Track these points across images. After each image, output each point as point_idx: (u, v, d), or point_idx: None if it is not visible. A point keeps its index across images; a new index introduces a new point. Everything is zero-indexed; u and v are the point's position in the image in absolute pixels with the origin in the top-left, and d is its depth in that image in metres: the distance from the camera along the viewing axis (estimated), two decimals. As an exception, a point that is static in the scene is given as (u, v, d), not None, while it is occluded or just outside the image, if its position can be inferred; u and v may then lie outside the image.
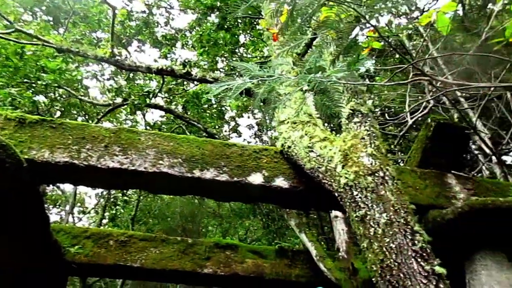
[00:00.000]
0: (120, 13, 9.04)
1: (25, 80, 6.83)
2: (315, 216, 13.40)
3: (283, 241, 12.70)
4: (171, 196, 14.49)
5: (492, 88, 3.97)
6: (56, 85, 7.50)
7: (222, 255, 5.32)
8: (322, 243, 11.61)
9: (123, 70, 9.15)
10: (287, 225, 13.59)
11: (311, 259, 5.56)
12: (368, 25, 2.85)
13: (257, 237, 15.49)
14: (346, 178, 3.14)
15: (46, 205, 10.46)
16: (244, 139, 15.12)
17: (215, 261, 5.23)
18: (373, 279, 2.72)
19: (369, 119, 3.56)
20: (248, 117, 15.16)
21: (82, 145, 3.65)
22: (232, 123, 14.38)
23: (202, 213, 16.69)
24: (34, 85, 6.79)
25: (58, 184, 14.18)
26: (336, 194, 3.29)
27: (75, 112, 10.92)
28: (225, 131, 14.06)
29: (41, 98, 8.22)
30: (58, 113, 10.26)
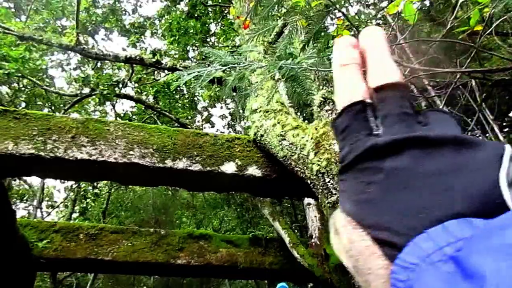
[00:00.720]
0: (85, -1, 8.76)
1: (-15, 70, 6.54)
2: (288, 205, 13.56)
3: (257, 230, 12.80)
4: (143, 188, 14.31)
5: (458, 76, 4.08)
6: (19, 74, 7.21)
7: (195, 245, 5.29)
8: (296, 231, 11.76)
9: (90, 59, 8.89)
10: (261, 214, 13.69)
11: (285, 246, 5.61)
12: (338, 14, 2.86)
13: (231, 227, 15.53)
14: (318, 165, 3.17)
15: (12, 200, 10.12)
16: (217, 130, 15.04)
17: (189, 252, 5.21)
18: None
19: (339, 106, 3.60)
20: (221, 107, 15.09)
21: (48, 136, 3.53)
22: (205, 114, 14.28)
23: (176, 205, 16.58)
24: (-5, 74, 6.51)
25: (24, 178, 13.76)
26: (309, 182, 3.32)
27: (40, 103, 10.56)
28: (198, 121, 13.96)
29: (3, 88, 7.91)
30: (23, 104, 9.89)
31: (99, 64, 9.98)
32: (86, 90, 8.40)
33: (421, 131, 0.38)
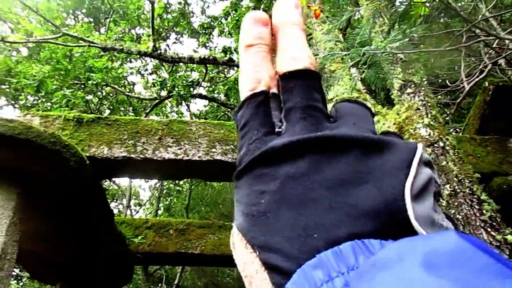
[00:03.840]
0: (158, 6, 9.18)
1: (76, 82, 7.14)
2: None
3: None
4: (221, 184, 14.74)
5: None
6: (104, 83, 7.78)
7: (278, 237, 5.35)
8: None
9: (165, 63, 9.32)
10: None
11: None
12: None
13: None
14: (403, 151, 3.06)
15: (105, 200, 10.95)
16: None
17: (273, 244, 5.28)
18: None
19: (422, 88, 3.43)
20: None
21: (137, 139, 3.77)
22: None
23: (253, 198, 16.85)
24: (84, 85, 7.09)
25: (113, 179, 14.76)
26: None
27: (122, 108, 11.29)
28: (269, 114, 14.01)
29: (91, 97, 8.56)
30: (107, 111, 10.64)
31: (172, 67, 10.44)
32: (164, 93, 8.84)
33: (329, 129, 0.32)
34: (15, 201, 3.15)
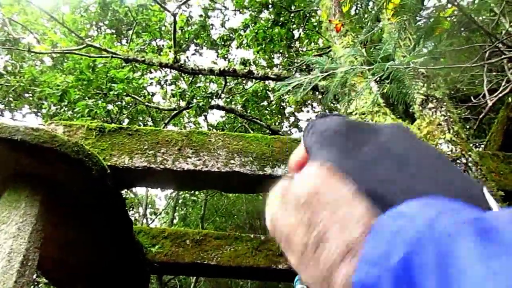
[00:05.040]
0: (180, 19, 9.34)
1: (98, 91, 7.29)
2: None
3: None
4: (236, 195, 14.75)
5: None
6: (124, 93, 7.91)
7: (295, 250, 5.31)
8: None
9: (185, 74, 9.44)
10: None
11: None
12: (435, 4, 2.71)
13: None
14: (425, 167, 3.02)
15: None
16: (305, 134, 14.93)
17: (289, 257, 5.23)
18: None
19: (444, 103, 3.39)
20: (308, 111, 15.03)
21: (157, 150, 3.81)
22: (292, 119, 14.34)
23: (267, 209, 16.79)
24: (106, 95, 7.23)
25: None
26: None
27: (141, 118, 11.44)
28: (286, 127, 14.05)
29: (111, 106, 8.71)
30: (126, 120, 10.81)
31: (191, 78, 10.57)
32: (182, 104, 8.94)
33: None
34: (38, 208, 3.20)
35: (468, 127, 7.62)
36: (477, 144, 7.81)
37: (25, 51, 8.30)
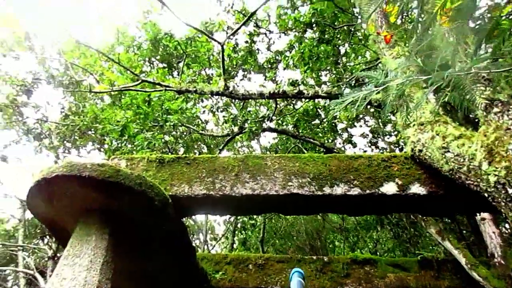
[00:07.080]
0: (227, 47, 9.60)
1: (154, 124, 7.61)
2: (448, 220, 12.33)
3: (416, 250, 11.90)
4: (294, 216, 14.60)
5: None
6: (179, 124, 8.19)
7: (361, 271, 5.14)
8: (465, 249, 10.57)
9: (235, 100, 9.64)
10: (420, 233, 12.70)
11: (460, 268, 5.07)
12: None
13: (387, 248, 14.75)
14: (496, 175, 2.82)
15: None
16: (360, 149, 14.66)
17: (355, 278, 5.07)
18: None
19: (511, 106, 3.18)
20: (360, 126, 14.71)
21: (215, 177, 3.87)
22: (345, 135, 14.10)
23: (327, 229, 16.48)
24: (162, 126, 7.52)
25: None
26: (486, 195, 2.97)
27: (196, 146, 11.75)
28: (339, 143, 13.82)
29: (167, 137, 9.04)
30: (182, 149, 11.14)
31: (242, 103, 10.76)
32: (235, 129, 9.10)
33: None
34: (107, 241, 3.34)
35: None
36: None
37: (87, 92, 8.87)
